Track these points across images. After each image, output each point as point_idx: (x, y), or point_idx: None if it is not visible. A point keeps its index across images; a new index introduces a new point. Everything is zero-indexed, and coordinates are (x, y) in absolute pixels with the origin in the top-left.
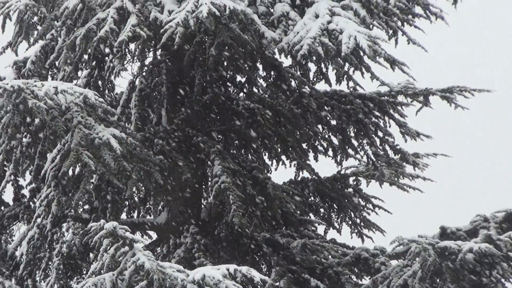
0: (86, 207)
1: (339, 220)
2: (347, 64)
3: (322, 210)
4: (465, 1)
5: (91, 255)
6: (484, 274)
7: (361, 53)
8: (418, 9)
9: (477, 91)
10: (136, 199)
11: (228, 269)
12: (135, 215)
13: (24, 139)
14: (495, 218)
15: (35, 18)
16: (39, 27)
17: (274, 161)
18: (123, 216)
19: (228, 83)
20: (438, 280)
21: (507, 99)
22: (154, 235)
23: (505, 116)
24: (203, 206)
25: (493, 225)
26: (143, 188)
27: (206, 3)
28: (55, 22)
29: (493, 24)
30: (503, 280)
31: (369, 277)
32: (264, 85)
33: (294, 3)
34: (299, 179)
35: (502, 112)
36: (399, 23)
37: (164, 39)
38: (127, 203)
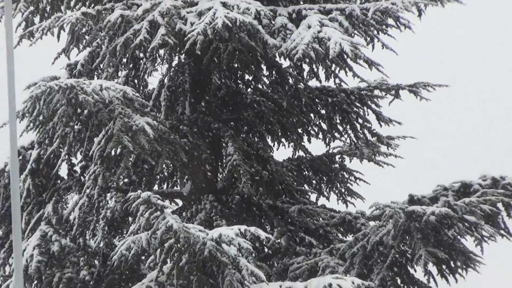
0: (126, 180)
1: (328, 189)
2: (334, 65)
3: (314, 182)
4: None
5: (130, 218)
6: (444, 232)
7: (345, 56)
8: (390, 21)
9: (437, 86)
10: (165, 173)
11: (239, 229)
12: (164, 186)
13: (75, 127)
14: (453, 188)
15: (84, 29)
16: (87, 37)
17: (276, 143)
18: (155, 187)
19: (238, 81)
20: (407, 237)
21: (461, 93)
22: (180, 203)
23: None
24: (219, 179)
25: (451, 193)
26: (171, 165)
27: (221, 17)
28: (100, 32)
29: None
30: (459, 237)
31: (352, 235)
32: (267, 82)
33: (290, 17)
34: (295, 157)
35: (458, 104)
36: (375, 32)
37: (187, 46)
38: (158, 177)
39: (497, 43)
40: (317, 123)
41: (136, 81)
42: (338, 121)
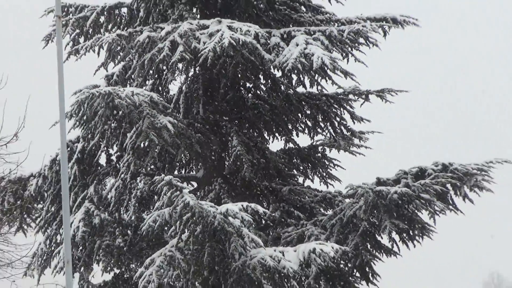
0: (152, 166)
1: (312, 174)
2: (316, 75)
3: (301, 167)
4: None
5: (156, 197)
6: (404, 207)
7: (326, 68)
8: (362, 40)
9: (398, 91)
10: (183, 161)
11: (242, 205)
12: (183, 171)
13: (112, 125)
14: (411, 172)
15: (118, 48)
16: (121, 53)
17: (271, 137)
18: (175, 172)
19: (241, 88)
20: (375, 211)
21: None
22: (195, 184)
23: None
24: (226, 166)
25: (410, 176)
26: (188, 154)
27: (227, 37)
28: (131, 50)
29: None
30: (416, 211)
31: (331, 210)
32: (264, 88)
33: (282, 37)
34: (286, 148)
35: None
36: (350, 49)
37: (200, 60)
38: (178, 164)
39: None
40: (304, 121)
41: (160, 88)
42: (320, 119)
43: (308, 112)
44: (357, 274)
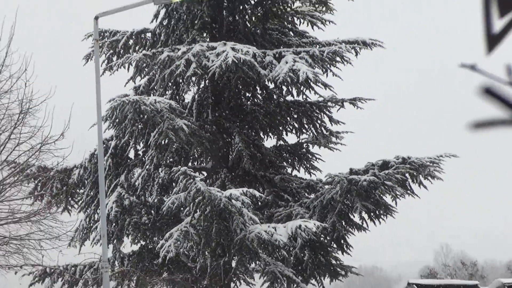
0: (171, 159)
1: (298, 165)
2: (302, 86)
3: (289, 160)
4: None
5: (174, 184)
6: (372, 192)
7: (309, 81)
8: (338, 58)
9: (368, 99)
10: (196, 155)
11: (243, 190)
12: (195, 163)
13: (139, 126)
14: (377, 164)
15: (144, 65)
16: (146, 69)
17: (265, 136)
18: (189, 164)
19: (242, 97)
20: (348, 195)
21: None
22: (205, 174)
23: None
24: (230, 158)
25: (376, 167)
26: (199, 150)
27: (231, 56)
28: (154, 66)
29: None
30: (381, 195)
31: (314, 194)
32: (260, 97)
33: (275, 56)
34: (278, 145)
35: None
36: (328, 65)
37: (209, 75)
38: (191, 158)
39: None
40: (292, 123)
41: (177, 97)
42: (305, 122)
43: (295, 116)
44: (334, 245)
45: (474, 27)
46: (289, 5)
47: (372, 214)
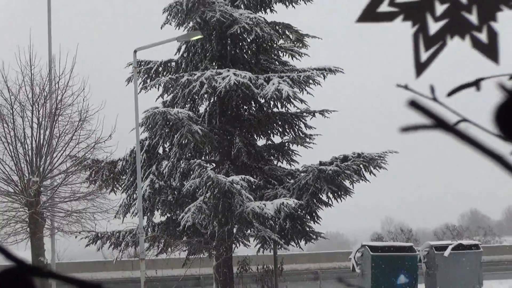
0: (189, 154)
1: (282, 159)
2: (284, 101)
3: (275, 155)
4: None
5: (191, 172)
6: (335, 178)
7: (290, 97)
8: (311, 81)
9: (331, 111)
10: (207, 151)
11: (241, 177)
12: (207, 157)
13: (166, 130)
14: (340, 157)
15: (170, 85)
16: (171, 88)
17: (258, 137)
18: (202, 157)
19: (240, 109)
20: (318, 180)
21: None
22: (213, 165)
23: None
24: (232, 154)
25: (339, 160)
26: (209, 147)
27: (233, 79)
28: (177, 86)
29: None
30: (343, 180)
31: (293, 179)
32: (254, 109)
33: (265, 79)
34: (267, 144)
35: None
36: (304, 86)
37: (217, 93)
38: (204, 153)
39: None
40: (277, 128)
41: (193, 109)
42: (286, 127)
43: (280, 123)
44: (308, 217)
45: (408, 57)
46: (275, 42)
47: (335, 194)
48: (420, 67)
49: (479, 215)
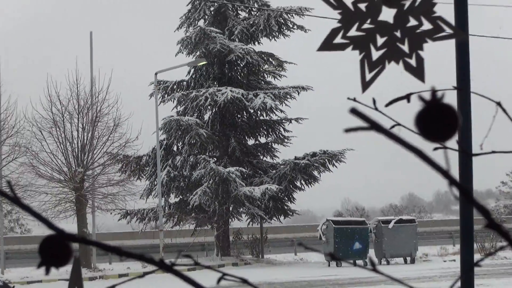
0: (196, 151)
1: (266, 154)
2: (268, 111)
3: (261, 152)
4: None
5: (198, 165)
6: (307, 169)
7: (272, 108)
8: (288, 96)
9: (304, 119)
10: (210, 149)
11: (236, 168)
12: (210, 153)
13: (179, 132)
14: (310, 154)
15: (182, 100)
16: (183, 101)
17: (249, 139)
18: (207, 153)
19: (235, 117)
20: (294, 171)
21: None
22: (215, 159)
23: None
24: (229, 151)
25: (309, 155)
26: (212, 146)
27: (230, 95)
28: (188, 100)
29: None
30: (312, 171)
31: (275, 170)
32: (246, 118)
33: (254, 95)
34: (255, 143)
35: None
36: (283, 100)
37: (217, 104)
38: (208, 150)
39: None
40: (263, 132)
41: (199, 117)
42: (270, 131)
43: (265, 127)
44: (286, 198)
45: (357, 77)
46: (261, 67)
47: (306, 181)
48: (365, 85)
49: (415, 197)
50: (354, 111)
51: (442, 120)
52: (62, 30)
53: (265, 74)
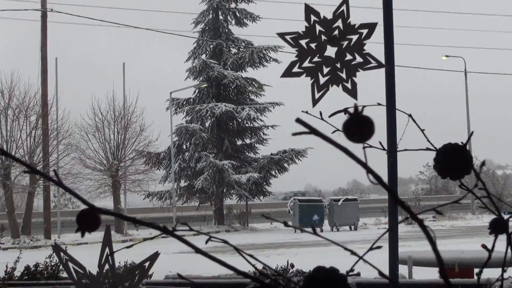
0: (199, 149)
1: (251, 152)
2: (251, 120)
3: (247, 150)
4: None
5: (201, 159)
6: (280, 162)
7: (255, 118)
8: (266, 110)
9: (277, 126)
10: (210, 147)
11: (229, 161)
12: (210, 151)
13: (187, 135)
14: (282, 150)
15: (190, 112)
16: (190, 113)
17: (238, 140)
18: (207, 151)
19: (228, 125)
20: (271, 163)
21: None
22: (213, 155)
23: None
24: (223, 149)
25: (281, 152)
26: (211, 145)
27: (224, 108)
28: (193, 112)
29: None
30: (284, 163)
31: (256, 163)
32: (235, 125)
33: (241, 109)
34: (242, 143)
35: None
36: (262, 112)
37: (215, 115)
38: (208, 148)
39: None
40: (248, 135)
41: (202, 124)
42: (253, 134)
43: (249, 132)
44: (264, 183)
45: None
46: (247, 88)
47: (279, 171)
48: (315, 102)
49: (357, 182)
50: (298, 120)
51: (361, 127)
52: (104, 59)
53: (249, 94)
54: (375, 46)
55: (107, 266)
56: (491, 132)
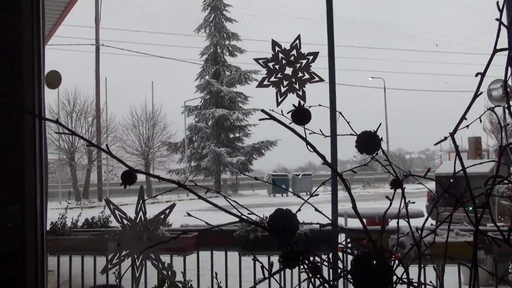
0: (205, 140)
1: (239, 142)
2: (241, 121)
3: (237, 141)
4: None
5: (205, 147)
6: (259, 150)
7: (242, 119)
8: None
9: (257, 124)
10: (211, 139)
11: (224, 149)
12: (211, 142)
13: (196, 130)
14: (261, 141)
15: (197, 115)
16: (197, 116)
17: (231, 134)
18: (209, 142)
19: (224, 124)
20: (253, 151)
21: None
22: (213, 144)
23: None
24: (220, 140)
25: (260, 142)
26: (212, 138)
27: (221, 113)
28: (200, 115)
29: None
30: (262, 151)
31: (243, 150)
32: (229, 124)
33: (233, 113)
34: (233, 137)
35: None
36: (248, 115)
37: (215, 117)
38: (210, 139)
39: None
40: (238, 131)
41: (206, 123)
42: (241, 130)
43: (238, 128)
44: (248, 163)
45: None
46: (236, 99)
47: (259, 155)
48: (278, 104)
49: (312, 163)
50: (263, 111)
51: (301, 116)
52: (139, 78)
53: (238, 102)
54: (320, 68)
55: (141, 214)
56: (403, 128)
